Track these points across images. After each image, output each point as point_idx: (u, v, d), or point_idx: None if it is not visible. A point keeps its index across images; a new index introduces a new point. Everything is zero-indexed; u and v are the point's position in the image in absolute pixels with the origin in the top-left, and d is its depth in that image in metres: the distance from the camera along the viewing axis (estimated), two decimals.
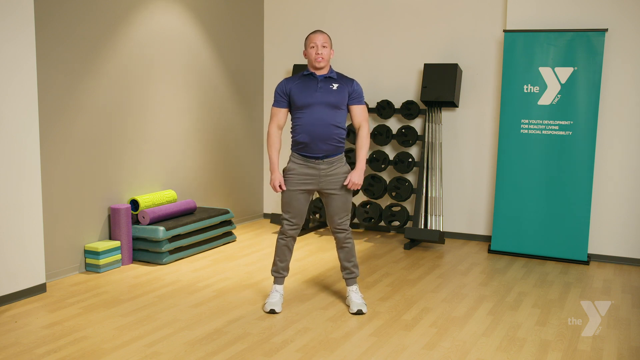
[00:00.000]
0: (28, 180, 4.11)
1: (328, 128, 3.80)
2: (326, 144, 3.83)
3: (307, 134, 3.83)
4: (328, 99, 3.80)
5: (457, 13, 5.99)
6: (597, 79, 5.22)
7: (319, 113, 3.79)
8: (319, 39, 3.80)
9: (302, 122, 3.84)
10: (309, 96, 3.81)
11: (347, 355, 3.30)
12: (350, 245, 3.99)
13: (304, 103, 3.81)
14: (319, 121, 3.79)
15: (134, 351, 3.29)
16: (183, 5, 5.66)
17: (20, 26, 3.99)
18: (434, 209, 5.81)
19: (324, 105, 3.80)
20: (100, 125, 4.86)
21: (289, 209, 3.93)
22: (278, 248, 4.02)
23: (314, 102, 3.80)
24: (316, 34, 3.83)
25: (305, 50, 3.86)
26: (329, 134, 3.81)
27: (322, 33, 3.84)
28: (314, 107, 3.80)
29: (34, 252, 4.19)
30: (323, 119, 3.79)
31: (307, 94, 3.82)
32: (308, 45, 3.84)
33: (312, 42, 3.81)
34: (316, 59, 3.79)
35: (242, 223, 6.70)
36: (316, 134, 3.81)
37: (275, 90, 3.94)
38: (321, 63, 3.80)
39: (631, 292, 4.56)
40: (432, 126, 5.91)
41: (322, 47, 3.79)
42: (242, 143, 6.65)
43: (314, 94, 3.81)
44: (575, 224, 5.34)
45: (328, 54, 3.82)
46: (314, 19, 6.60)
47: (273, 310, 3.90)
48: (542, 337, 3.61)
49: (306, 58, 3.88)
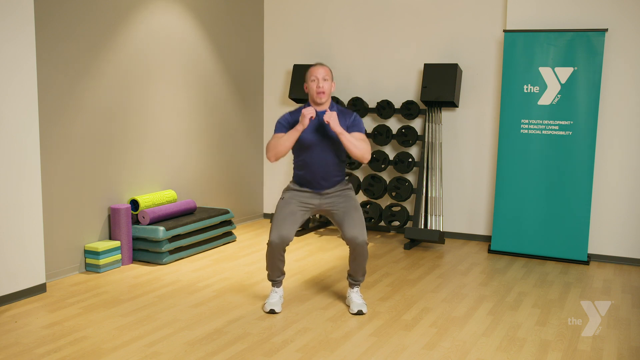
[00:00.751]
0: (28, 180, 4.11)
1: (329, 167, 3.85)
2: (327, 181, 3.88)
3: (309, 173, 3.86)
4: (328, 139, 3.81)
5: (457, 13, 5.99)
6: (597, 79, 5.22)
7: (320, 153, 3.81)
8: (320, 72, 3.75)
9: (303, 161, 3.86)
10: (310, 135, 3.80)
11: (347, 355, 3.30)
12: (366, 256, 3.89)
13: (304, 142, 3.81)
14: (320, 161, 3.82)
15: (134, 351, 3.29)
16: (183, 5, 5.66)
17: (20, 26, 3.99)
18: (434, 209, 5.81)
19: (324, 145, 3.81)
20: (100, 125, 4.86)
21: (281, 220, 3.82)
22: (268, 259, 3.89)
23: (314, 143, 3.81)
24: (317, 67, 3.78)
25: (306, 83, 3.81)
26: (330, 172, 3.86)
27: (322, 66, 3.79)
28: (314, 147, 3.81)
29: (34, 252, 4.19)
30: (324, 159, 3.82)
31: (307, 133, 3.79)
32: (309, 78, 3.78)
33: (313, 75, 3.76)
34: (317, 93, 3.74)
35: (242, 223, 6.70)
36: (317, 173, 3.84)
37: (277, 120, 3.87)
38: (322, 98, 3.76)
39: (631, 292, 4.56)
40: (432, 126, 5.91)
41: (324, 80, 3.75)
42: (242, 143, 6.65)
43: (315, 133, 3.80)
44: (575, 224, 5.34)
45: (329, 87, 3.77)
46: (314, 19, 6.60)
47: (273, 310, 3.90)
48: (542, 337, 3.61)
49: (307, 92, 3.84)
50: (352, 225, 3.80)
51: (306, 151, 3.83)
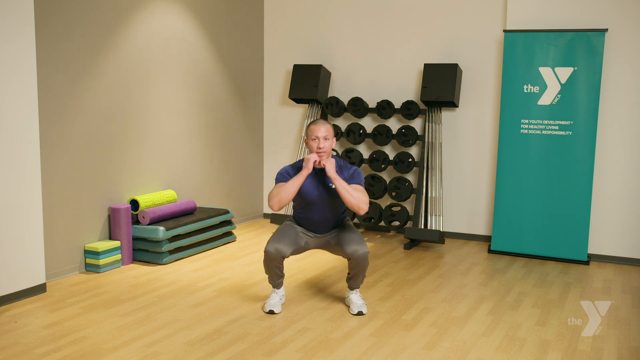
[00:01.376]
0: (28, 180, 4.10)
1: (328, 221, 3.97)
2: (326, 229, 4.00)
3: (308, 222, 3.98)
4: (327, 197, 3.87)
5: (457, 13, 5.99)
6: (597, 79, 5.22)
7: (319, 210, 3.91)
8: (321, 131, 3.77)
9: (303, 213, 3.97)
10: (310, 193, 3.86)
11: (347, 355, 3.30)
12: (367, 263, 3.89)
13: (305, 198, 3.87)
14: (319, 216, 3.93)
15: (134, 351, 3.29)
16: (183, 5, 5.66)
17: (20, 26, 3.99)
18: (434, 209, 5.81)
19: (324, 204, 3.89)
20: (100, 125, 4.86)
21: (281, 237, 3.84)
22: (266, 267, 3.89)
23: (314, 201, 3.88)
24: (318, 125, 3.79)
25: (307, 140, 3.84)
26: (329, 224, 3.99)
27: (323, 124, 3.80)
28: (314, 204, 3.89)
29: (34, 252, 4.19)
30: (323, 214, 3.93)
31: (307, 190, 3.85)
32: (310, 136, 3.80)
33: (313, 134, 3.78)
34: (318, 153, 3.77)
35: (242, 223, 6.70)
36: (318, 224, 3.97)
37: (278, 172, 3.89)
38: (323, 157, 3.79)
39: (631, 292, 4.56)
40: (432, 126, 5.91)
41: (324, 139, 3.77)
42: (242, 143, 6.65)
43: (314, 192, 3.86)
44: (575, 224, 5.34)
45: (330, 146, 3.81)
46: (314, 19, 6.60)
47: (272, 310, 3.90)
48: (542, 337, 3.61)
49: (307, 148, 3.90)
50: (350, 242, 3.84)
51: (307, 206, 3.92)
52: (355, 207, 3.71)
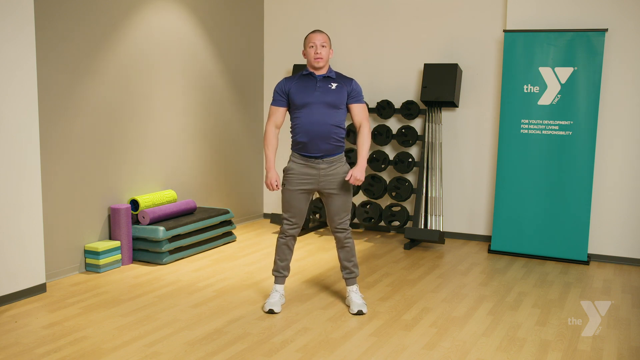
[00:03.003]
0: (28, 180, 4.11)
1: (327, 127, 3.82)
2: (325, 143, 3.84)
3: (306, 134, 3.84)
4: (327, 99, 3.81)
5: (457, 13, 5.99)
6: (597, 79, 5.22)
7: (317, 112, 3.81)
8: (318, 38, 3.81)
9: (301, 121, 3.86)
10: (308, 96, 3.82)
11: (347, 355, 3.30)
12: (351, 245, 3.99)
13: (302, 102, 3.83)
14: (318, 120, 3.81)
15: (134, 351, 3.29)
16: (183, 5, 5.66)
17: (20, 26, 3.99)
18: (434, 209, 5.81)
19: (322, 104, 3.81)
20: (101, 125, 4.86)
21: (289, 208, 3.95)
22: (278, 247, 4.02)
23: (312, 102, 3.81)
24: (315, 33, 3.85)
25: (304, 49, 3.88)
26: (328, 133, 3.83)
27: (321, 33, 3.86)
28: (312, 107, 3.82)
29: (34, 252, 4.19)
30: (322, 119, 3.81)
31: (305, 93, 3.83)
32: (307, 44, 3.85)
33: (311, 41, 3.82)
34: (315, 58, 3.80)
35: (242, 223, 6.70)
36: (315, 134, 3.82)
37: (274, 89, 3.95)
38: (320, 62, 3.81)
39: (631, 292, 4.56)
40: (432, 126, 5.91)
41: (321, 46, 3.81)
42: (242, 143, 6.65)
43: (313, 93, 3.82)
44: (575, 224, 5.34)
45: (327, 53, 3.83)
46: (314, 19, 6.60)
47: (272, 310, 3.90)
48: (542, 337, 3.61)
49: (305, 58, 3.89)
50: (334, 212, 3.93)
51: (303, 109, 3.84)
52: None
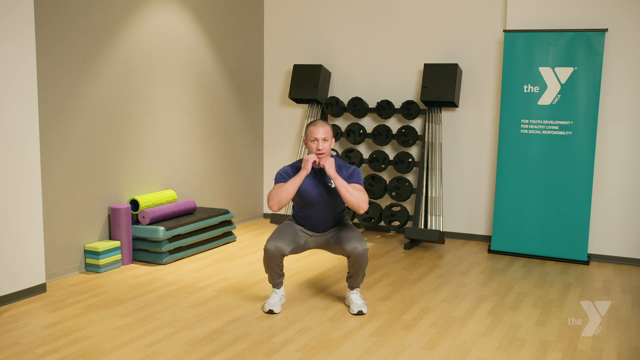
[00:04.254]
0: (28, 180, 4.10)
1: (328, 220, 3.99)
2: (326, 228, 4.02)
3: (308, 222, 4.00)
4: (326, 197, 3.89)
5: (457, 13, 5.99)
6: (597, 79, 5.22)
7: (318, 210, 3.93)
8: (320, 133, 3.80)
9: (303, 212, 3.99)
10: (309, 194, 3.88)
11: (347, 355, 3.30)
12: (366, 262, 3.89)
13: (304, 199, 3.90)
14: (319, 215, 3.95)
15: (134, 351, 3.29)
16: (183, 5, 5.66)
17: (20, 25, 3.99)
18: (434, 209, 5.81)
19: (323, 203, 3.91)
20: (101, 125, 4.86)
21: (281, 235, 3.87)
22: (265, 265, 3.90)
23: (313, 201, 3.90)
24: (317, 127, 3.81)
25: (306, 140, 3.87)
26: (329, 224, 4.01)
27: (322, 125, 3.82)
28: (314, 205, 3.91)
29: (34, 252, 4.18)
30: (322, 213, 3.95)
31: (307, 190, 3.87)
32: (309, 137, 3.83)
33: (313, 135, 3.80)
34: (317, 154, 3.80)
35: (242, 223, 6.70)
36: (316, 224, 3.99)
37: (277, 172, 3.92)
38: (322, 158, 3.81)
39: (631, 292, 4.56)
40: (432, 126, 5.91)
41: (323, 140, 3.80)
42: (242, 143, 6.65)
43: (314, 192, 3.88)
44: (575, 224, 5.34)
45: (329, 147, 3.84)
46: (314, 19, 6.60)
47: (272, 310, 3.90)
48: (542, 337, 3.61)
49: (307, 149, 3.91)
50: (349, 240, 3.85)
51: (307, 205, 3.94)
52: (355, 206, 3.73)
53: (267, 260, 3.85)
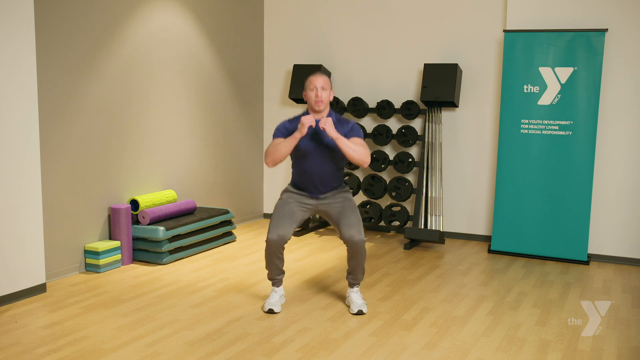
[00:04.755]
0: (28, 180, 4.11)
1: (326, 174, 3.91)
2: (325, 186, 3.95)
3: (306, 179, 3.94)
4: (326, 147, 3.86)
5: (457, 13, 5.99)
6: (597, 79, 5.22)
7: (317, 161, 3.88)
8: (319, 82, 3.81)
9: (301, 168, 3.94)
10: (308, 143, 3.86)
11: (347, 355, 3.30)
12: (364, 254, 3.91)
13: (302, 150, 3.87)
14: (317, 169, 3.89)
15: (134, 351, 3.29)
16: (183, 5, 5.66)
17: (20, 25, 3.99)
18: (434, 209, 5.81)
19: (322, 153, 3.87)
20: (101, 125, 4.86)
21: (279, 218, 3.88)
22: (268, 260, 3.92)
23: (312, 150, 3.87)
24: (316, 76, 3.84)
25: (305, 92, 3.88)
26: (328, 179, 3.93)
27: (321, 75, 3.85)
28: (312, 155, 3.88)
29: (34, 252, 4.19)
30: (321, 167, 3.89)
31: (305, 141, 3.85)
32: (308, 87, 3.85)
33: (311, 84, 3.82)
34: (316, 102, 3.80)
35: (242, 223, 6.70)
36: (315, 180, 3.92)
37: (276, 127, 3.94)
38: (320, 106, 3.82)
39: (631, 292, 4.56)
40: (432, 126, 5.91)
41: (322, 89, 3.81)
42: (242, 143, 6.65)
43: (312, 141, 3.86)
44: (575, 224, 5.34)
45: (327, 96, 3.83)
46: (314, 19, 6.60)
47: (272, 310, 3.90)
48: (542, 337, 3.62)
49: (306, 100, 3.90)
50: (348, 225, 3.85)
51: (303, 159, 3.90)
52: (359, 161, 3.76)
53: (269, 251, 3.86)
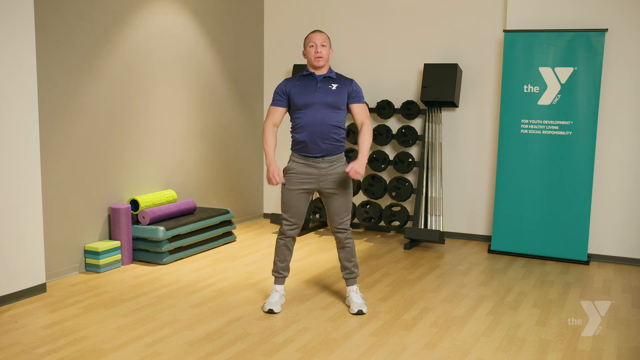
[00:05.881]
0: (28, 180, 4.11)
1: (327, 127, 3.83)
2: (325, 143, 3.86)
3: (307, 134, 3.86)
4: (327, 99, 3.82)
5: (457, 13, 5.99)
6: (597, 79, 5.22)
7: (318, 113, 3.82)
8: (318, 38, 3.83)
9: (302, 122, 3.87)
10: (308, 96, 3.83)
11: (347, 355, 3.30)
12: (351, 246, 3.99)
13: (303, 103, 3.84)
14: (318, 121, 3.82)
15: (134, 351, 3.29)
16: (183, 5, 5.66)
17: (20, 26, 3.99)
18: (434, 209, 5.81)
19: (323, 105, 3.82)
20: (101, 125, 4.86)
21: (288, 208, 3.94)
22: (278, 248, 4.02)
23: (313, 103, 3.82)
24: (315, 33, 3.86)
25: (304, 49, 3.89)
26: (328, 133, 3.84)
27: (321, 32, 3.87)
28: (313, 107, 3.83)
29: (34, 252, 4.19)
30: (322, 119, 3.82)
31: (306, 94, 3.84)
32: (307, 44, 3.86)
33: (311, 41, 3.83)
34: (315, 57, 3.80)
35: (242, 223, 6.70)
36: (315, 134, 3.84)
37: (275, 90, 3.96)
38: (320, 62, 3.81)
39: (631, 292, 4.56)
40: (432, 126, 5.91)
41: (322, 46, 3.82)
42: (242, 143, 6.65)
43: (313, 94, 3.83)
44: (575, 224, 5.34)
45: (327, 53, 3.84)
46: (314, 19, 6.60)
47: (272, 310, 3.91)
48: (542, 337, 3.62)
49: (305, 58, 3.90)
50: (335, 212, 3.93)
51: (303, 110, 3.86)
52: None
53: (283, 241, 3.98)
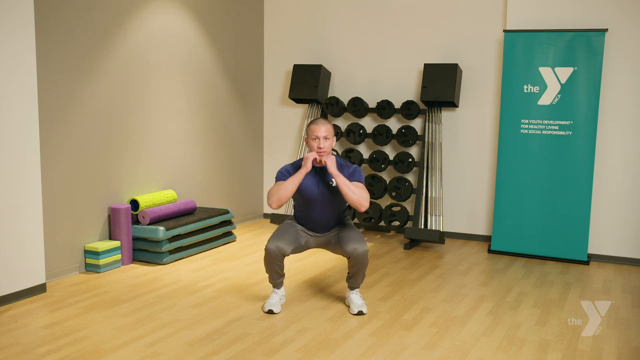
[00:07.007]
0: (28, 180, 4.10)
1: (329, 219, 3.98)
2: (329, 226, 4.02)
3: (309, 222, 4.00)
4: (327, 196, 3.89)
5: (457, 13, 5.99)
6: (597, 79, 5.22)
7: (319, 209, 3.93)
8: (322, 131, 3.80)
9: (304, 212, 3.99)
10: (310, 192, 3.88)
11: (347, 355, 3.30)
12: (366, 262, 3.88)
13: (305, 198, 3.90)
14: (320, 215, 3.95)
15: (134, 351, 3.29)
16: (183, 5, 5.66)
17: (20, 26, 3.99)
18: (434, 209, 5.81)
19: (324, 201, 3.90)
20: (101, 125, 4.86)
21: (282, 235, 3.87)
22: (266, 265, 3.90)
23: (314, 199, 3.90)
24: (318, 125, 3.81)
25: (307, 139, 3.87)
26: (330, 223, 4.00)
27: (324, 124, 3.82)
28: (315, 203, 3.91)
29: (34, 252, 4.18)
30: (323, 213, 3.95)
31: (308, 189, 3.87)
32: (310, 135, 3.83)
33: (314, 134, 3.80)
34: (318, 152, 3.80)
35: (242, 223, 6.70)
36: (318, 224, 3.99)
37: (279, 170, 3.92)
38: (323, 157, 3.81)
39: (631, 292, 4.56)
40: (432, 126, 5.91)
41: (324, 139, 3.80)
42: (242, 143, 6.65)
43: (315, 190, 3.88)
44: (575, 224, 5.34)
45: (330, 145, 3.83)
46: (314, 19, 6.60)
47: (271, 310, 3.90)
48: (542, 337, 3.62)
49: (308, 147, 3.93)
50: (350, 241, 3.85)
51: (308, 205, 3.94)
52: (356, 204, 3.74)
53: (268, 260, 3.85)
